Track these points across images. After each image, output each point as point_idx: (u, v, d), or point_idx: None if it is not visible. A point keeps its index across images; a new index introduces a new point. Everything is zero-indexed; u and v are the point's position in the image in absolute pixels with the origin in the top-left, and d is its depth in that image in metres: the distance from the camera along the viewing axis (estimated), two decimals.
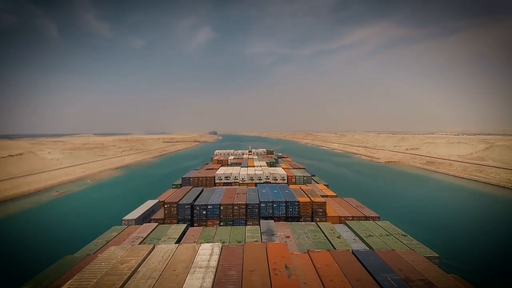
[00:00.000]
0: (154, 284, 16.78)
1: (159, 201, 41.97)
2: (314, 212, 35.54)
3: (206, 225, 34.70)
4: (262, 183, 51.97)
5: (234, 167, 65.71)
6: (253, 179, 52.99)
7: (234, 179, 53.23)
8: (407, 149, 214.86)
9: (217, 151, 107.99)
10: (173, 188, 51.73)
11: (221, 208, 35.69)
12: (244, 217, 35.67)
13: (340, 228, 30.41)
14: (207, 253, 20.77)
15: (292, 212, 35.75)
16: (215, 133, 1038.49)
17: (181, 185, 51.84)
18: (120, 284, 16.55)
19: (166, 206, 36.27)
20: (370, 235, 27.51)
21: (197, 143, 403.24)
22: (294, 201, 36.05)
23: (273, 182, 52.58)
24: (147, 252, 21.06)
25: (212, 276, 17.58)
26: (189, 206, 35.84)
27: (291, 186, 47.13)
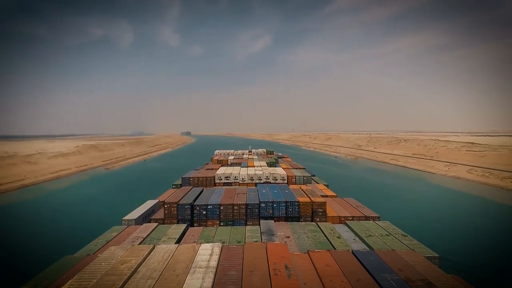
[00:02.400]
0: (154, 284, 16.78)
1: (159, 201, 41.97)
2: (314, 212, 35.53)
3: (206, 225, 34.69)
4: (262, 183, 51.95)
5: (234, 167, 65.69)
6: (253, 179, 52.98)
7: (234, 179, 53.21)
8: None
9: (217, 151, 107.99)
10: (173, 188, 51.73)
11: (221, 208, 35.68)
12: (244, 217, 35.65)
13: (340, 228, 30.40)
14: (207, 253, 20.77)
15: (292, 212, 35.73)
16: (189, 133, 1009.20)
17: (181, 185, 51.83)
18: (120, 284, 16.55)
19: (166, 206, 36.26)
20: (370, 235, 27.51)
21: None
22: (294, 201, 36.04)
23: (273, 182, 52.56)
24: (147, 252, 21.06)
25: (212, 276, 17.57)
26: (189, 206, 35.84)
27: (291, 186, 47.11)
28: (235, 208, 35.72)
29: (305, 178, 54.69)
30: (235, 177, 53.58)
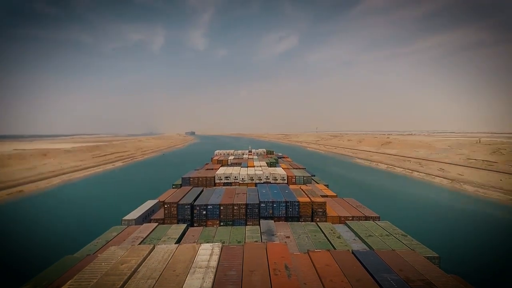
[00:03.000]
0: (154, 284, 16.78)
1: (159, 201, 41.97)
2: (314, 212, 35.53)
3: (206, 225, 34.70)
4: (262, 183, 51.96)
5: (234, 167, 65.69)
6: (253, 179, 52.99)
7: (234, 179, 53.22)
8: None
9: (217, 151, 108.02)
10: (173, 188, 51.74)
11: (221, 208, 35.69)
12: (244, 217, 35.66)
13: (340, 228, 30.40)
14: (207, 253, 20.76)
15: (292, 212, 35.74)
16: (193, 133, 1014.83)
17: (181, 185, 51.86)
18: (120, 284, 16.54)
19: (166, 206, 36.26)
20: (370, 235, 27.51)
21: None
22: (294, 201, 36.04)
23: (273, 182, 52.57)
24: (147, 252, 21.06)
25: (212, 276, 17.57)
26: (189, 206, 35.84)
27: (291, 186, 47.12)
28: (235, 208, 35.73)
29: (305, 178, 54.71)
30: (235, 177, 53.59)
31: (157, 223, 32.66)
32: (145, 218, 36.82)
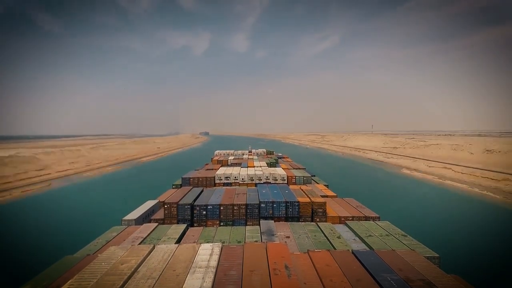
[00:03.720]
0: (154, 284, 16.78)
1: (159, 201, 41.96)
2: (314, 212, 35.53)
3: (206, 225, 34.70)
4: (262, 183, 51.96)
5: (234, 168, 65.69)
6: (253, 180, 52.98)
7: (234, 179, 53.21)
8: None
9: (217, 151, 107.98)
10: (173, 188, 51.73)
11: (221, 208, 35.68)
12: (244, 217, 35.65)
13: (340, 228, 30.39)
14: (207, 253, 20.77)
15: (292, 212, 35.74)
16: (207, 133, 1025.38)
17: (181, 185, 51.85)
18: (120, 284, 16.54)
19: (166, 206, 36.26)
20: (370, 235, 27.50)
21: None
22: (294, 201, 36.04)
23: (273, 182, 52.56)
24: (147, 252, 21.06)
25: (212, 276, 17.57)
26: (189, 206, 35.84)
27: (291, 186, 47.12)
28: (235, 208, 35.72)
29: (305, 178, 54.69)
30: (235, 177, 53.58)
31: (157, 223, 32.65)
32: (145, 218, 36.81)
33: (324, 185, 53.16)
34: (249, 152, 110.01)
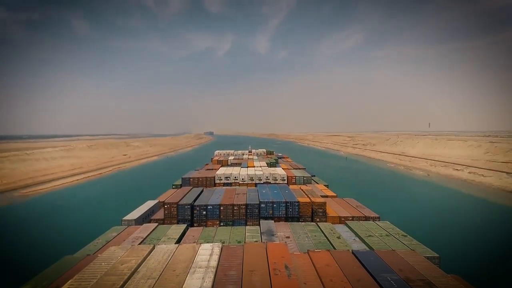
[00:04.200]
0: (154, 284, 16.78)
1: (159, 202, 41.96)
2: (314, 212, 35.53)
3: (206, 225, 34.68)
4: (262, 183, 51.96)
5: (234, 168, 65.70)
6: (253, 180, 52.98)
7: (234, 179, 53.22)
8: None
9: (217, 151, 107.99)
10: (173, 188, 51.73)
11: (221, 208, 35.68)
12: (244, 217, 35.65)
13: (340, 228, 30.38)
14: (207, 253, 20.77)
15: (292, 213, 35.73)
16: (211, 133, 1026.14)
17: (181, 186, 51.85)
18: (120, 284, 16.54)
19: (166, 206, 36.26)
20: (370, 235, 27.50)
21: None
22: (294, 202, 36.04)
23: (273, 182, 52.56)
24: (147, 252, 21.06)
25: (212, 276, 17.57)
26: (189, 206, 35.83)
27: (291, 187, 47.12)
28: (235, 208, 35.72)
29: (305, 178, 54.69)
30: (235, 177, 53.58)
31: (157, 223, 32.66)
32: (145, 218, 36.81)
33: (324, 185, 53.17)
34: (249, 152, 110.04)
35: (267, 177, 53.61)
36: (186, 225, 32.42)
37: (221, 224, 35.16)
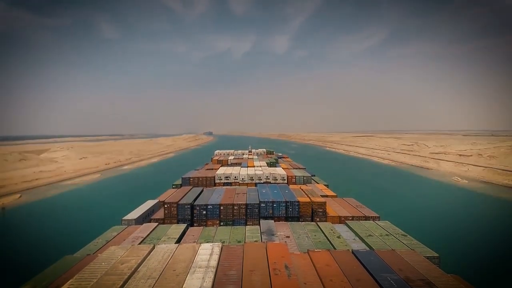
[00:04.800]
0: (154, 284, 16.78)
1: (159, 201, 41.95)
2: (314, 212, 35.52)
3: (206, 225, 34.68)
4: (262, 183, 51.93)
5: (234, 167, 65.68)
6: (253, 179, 52.97)
7: (234, 179, 53.19)
8: None
9: (217, 151, 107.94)
10: (173, 188, 51.70)
11: (221, 208, 35.67)
12: (244, 217, 35.64)
13: (340, 228, 30.38)
14: (207, 253, 20.76)
15: (292, 212, 35.73)
16: (210, 133, 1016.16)
17: (181, 185, 51.82)
18: (120, 284, 16.54)
19: (166, 206, 36.25)
20: (370, 235, 27.49)
21: None
22: (294, 201, 36.03)
23: (273, 182, 52.53)
24: (147, 252, 21.06)
25: (212, 276, 17.57)
26: (189, 206, 35.82)
27: (291, 186, 47.10)
28: (235, 208, 35.71)
29: (305, 178, 54.66)
30: (235, 177, 53.56)
31: (157, 223, 32.64)
32: (145, 218, 36.81)
33: (324, 184, 53.15)
34: (249, 152, 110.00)
35: (267, 176, 53.59)
36: (186, 224, 32.41)
37: (221, 223, 35.15)
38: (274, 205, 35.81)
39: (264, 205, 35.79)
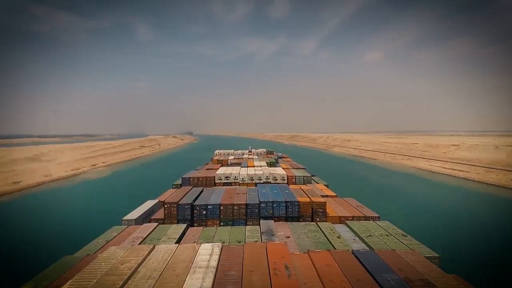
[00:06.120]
0: (154, 284, 16.77)
1: (159, 201, 41.98)
2: (314, 212, 35.53)
3: (206, 225, 34.68)
4: (262, 183, 51.94)
5: (234, 167, 65.69)
6: (253, 179, 52.98)
7: (234, 179, 53.21)
8: None
9: (217, 151, 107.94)
10: (173, 188, 51.74)
11: (221, 208, 35.68)
12: (244, 217, 35.65)
13: (340, 228, 30.39)
14: (207, 253, 20.76)
15: (292, 212, 35.73)
16: (190, 133, 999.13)
17: (181, 185, 51.85)
18: (120, 284, 16.53)
19: (166, 206, 36.26)
20: (370, 235, 27.50)
21: None
22: (294, 201, 36.03)
23: (273, 182, 52.54)
24: (147, 252, 21.05)
25: (212, 276, 17.56)
26: (189, 206, 35.83)
27: (291, 186, 47.11)
28: (235, 208, 35.72)
29: (305, 178, 54.68)
30: (235, 177, 53.57)
31: (157, 223, 32.64)
32: (145, 218, 36.82)
33: (324, 184, 53.18)
34: (249, 151, 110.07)
35: (267, 176, 53.60)
36: (186, 225, 32.42)
37: (221, 224, 35.15)
38: (274, 205, 35.81)
39: (264, 205, 35.80)
